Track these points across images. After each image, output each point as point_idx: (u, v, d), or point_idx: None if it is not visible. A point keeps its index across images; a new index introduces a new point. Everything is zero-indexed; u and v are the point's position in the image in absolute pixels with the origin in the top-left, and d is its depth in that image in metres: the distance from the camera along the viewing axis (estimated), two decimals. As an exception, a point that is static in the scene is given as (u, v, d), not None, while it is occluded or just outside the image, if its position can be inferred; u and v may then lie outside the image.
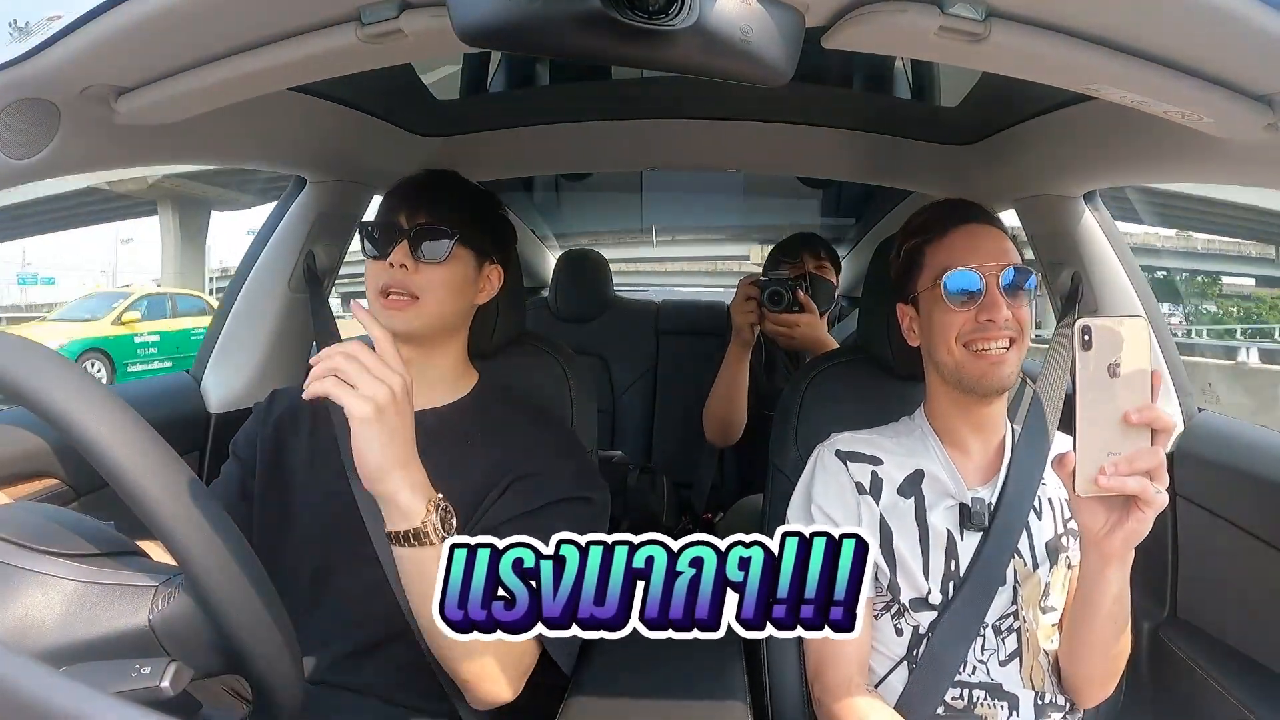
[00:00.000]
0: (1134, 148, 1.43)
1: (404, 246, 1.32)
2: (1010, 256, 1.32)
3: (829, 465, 1.39)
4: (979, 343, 1.28)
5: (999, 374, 1.28)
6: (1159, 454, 1.01)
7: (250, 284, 1.98)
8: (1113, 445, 1.01)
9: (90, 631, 0.70)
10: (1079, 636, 1.25)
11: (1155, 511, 1.02)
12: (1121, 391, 1.00)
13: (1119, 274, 1.71)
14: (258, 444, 1.41)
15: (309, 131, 1.69)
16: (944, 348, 1.32)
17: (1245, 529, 1.41)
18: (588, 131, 2.10)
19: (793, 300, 2.29)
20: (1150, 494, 1.01)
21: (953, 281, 1.29)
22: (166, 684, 0.65)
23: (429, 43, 1.00)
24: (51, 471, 1.45)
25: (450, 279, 1.34)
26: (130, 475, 0.70)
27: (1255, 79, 0.96)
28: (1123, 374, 1.00)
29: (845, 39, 0.94)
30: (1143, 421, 1.00)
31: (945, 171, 2.10)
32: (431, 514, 1.07)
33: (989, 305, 1.27)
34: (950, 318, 1.30)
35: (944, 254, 1.34)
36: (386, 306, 1.32)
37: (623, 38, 0.75)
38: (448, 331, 1.40)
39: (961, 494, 1.34)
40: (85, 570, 0.73)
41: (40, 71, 1.04)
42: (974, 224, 1.35)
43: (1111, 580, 1.13)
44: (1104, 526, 1.07)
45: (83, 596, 0.71)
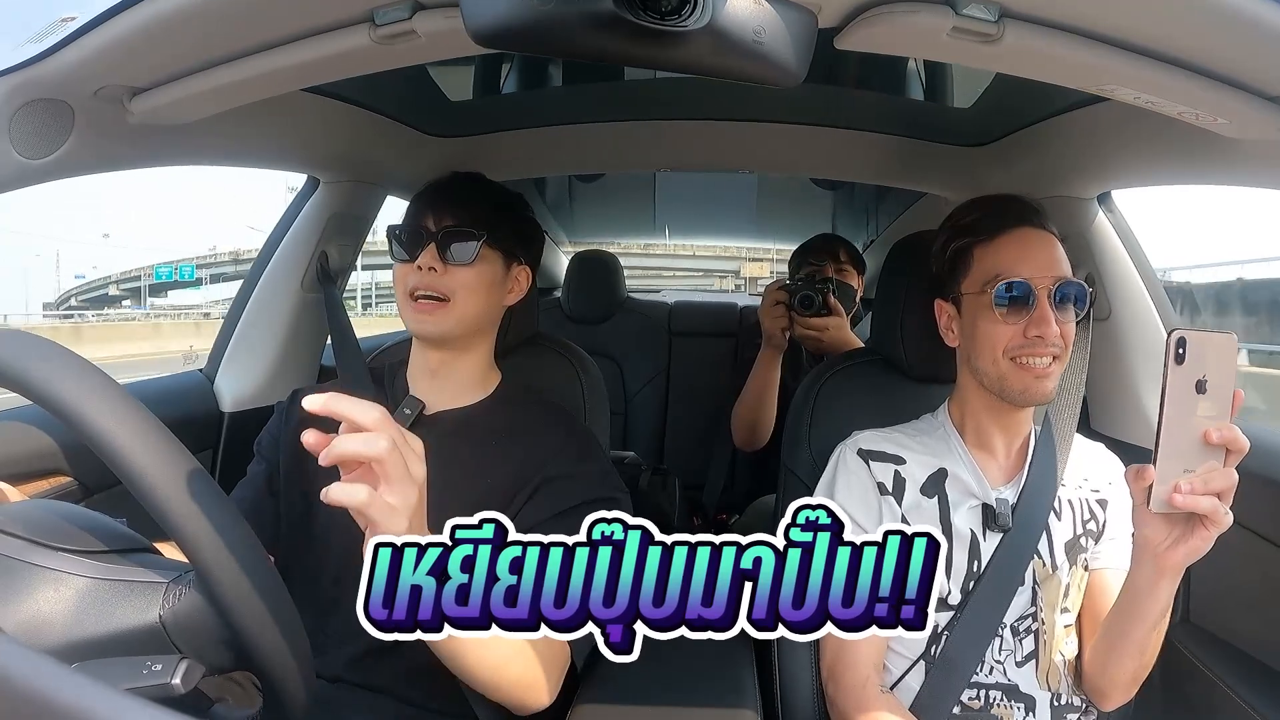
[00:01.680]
0: (1148, 149, 1.42)
1: (432, 249, 1.32)
2: (1063, 267, 1.28)
3: (850, 464, 1.38)
4: (1025, 357, 1.25)
5: (1042, 388, 1.26)
6: (1232, 475, 0.99)
7: (264, 284, 2.00)
8: (1189, 462, 0.98)
9: (101, 628, 0.70)
10: (1118, 645, 1.22)
11: (1220, 531, 1.00)
12: (1204, 408, 0.97)
13: (1133, 276, 1.70)
14: (281, 443, 1.41)
15: (322, 132, 1.69)
16: (989, 358, 1.29)
17: (1257, 533, 1.40)
18: (600, 132, 2.11)
19: (822, 304, 2.29)
20: (1220, 515, 0.98)
21: (1004, 291, 1.25)
22: (178, 681, 0.66)
23: (442, 44, 1.00)
24: (63, 469, 1.46)
25: (479, 280, 1.35)
26: (142, 473, 0.70)
27: (1270, 80, 0.95)
28: (1209, 391, 0.97)
29: (858, 40, 0.94)
30: (1222, 441, 0.97)
31: (958, 173, 2.09)
32: None
33: (1039, 320, 1.24)
34: (997, 329, 1.27)
35: (994, 257, 1.29)
36: (417, 310, 1.33)
37: (635, 39, 0.75)
38: (478, 333, 1.40)
39: (985, 494, 1.32)
40: (97, 567, 0.73)
41: (55, 72, 1.04)
42: (1028, 228, 1.30)
43: (1163, 593, 1.11)
44: (1166, 541, 1.04)
45: (94, 593, 0.72)
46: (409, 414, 1.37)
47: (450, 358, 1.39)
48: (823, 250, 2.61)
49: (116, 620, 0.70)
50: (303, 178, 1.99)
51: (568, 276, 3.25)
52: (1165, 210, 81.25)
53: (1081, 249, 1.72)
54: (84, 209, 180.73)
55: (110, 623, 0.70)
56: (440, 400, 1.40)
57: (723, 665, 1.33)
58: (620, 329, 3.17)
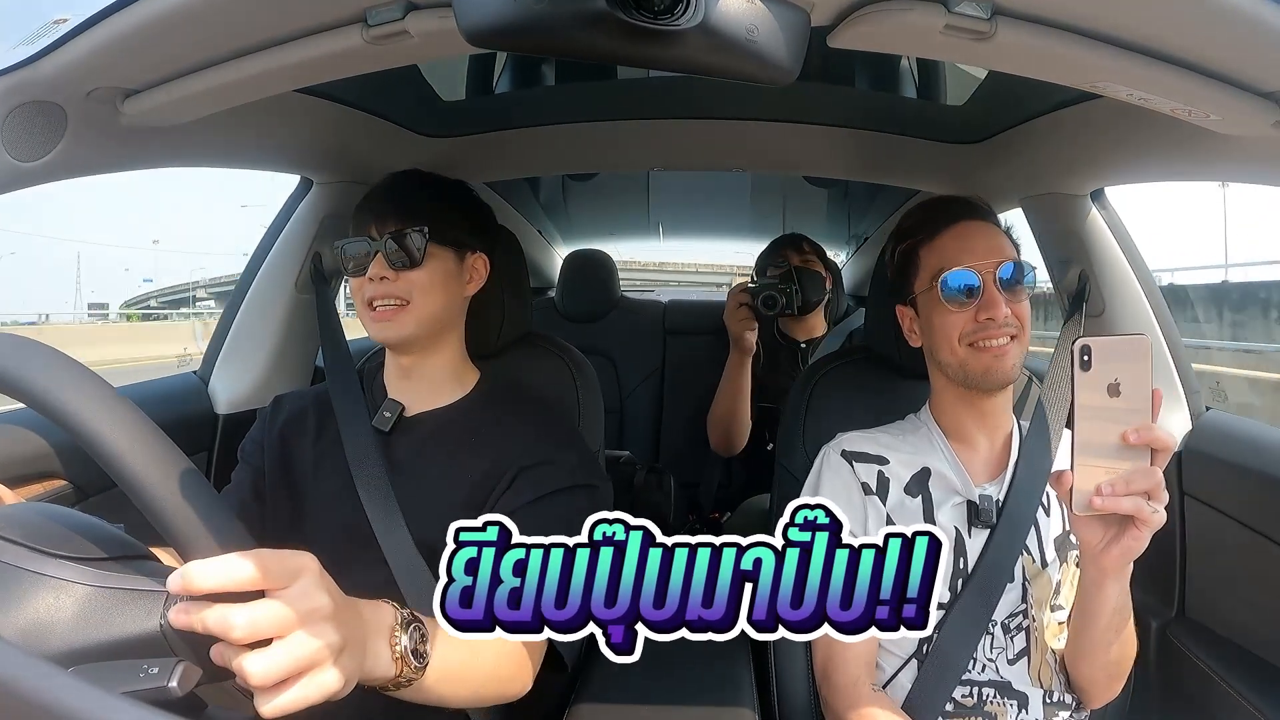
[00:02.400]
0: (1141, 146, 1.42)
1: (380, 259, 1.32)
2: (1006, 252, 1.32)
3: (835, 465, 1.39)
4: (981, 340, 1.28)
5: (1002, 367, 1.28)
6: (1156, 474, 0.99)
7: (257, 285, 1.99)
8: (1111, 464, 0.99)
9: (101, 635, 0.70)
10: (1079, 643, 1.25)
11: (1152, 530, 1.01)
12: (1121, 411, 0.98)
13: (1126, 272, 1.71)
14: (264, 449, 1.41)
15: (315, 133, 1.69)
16: (946, 348, 1.32)
17: (1253, 528, 1.41)
18: (593, 132, 2.10)
19: (786, 304, 2.32)
20: (1146, 514, 0.99)
21: (950, 282, 1.30)
22: (175, 684, 0.65)
23: (435, 44, 1.00)
24: (58, 472, 1.45)
25: (432, 278, 1.34)
26: (137, 475, 0.70)
27: (1262, 76, 0.95)
28: (1123, 394, 0.98)
29: (851, 38, 0.94)
30: (1141, 442, 0.98)
31: (951, 170, 2.09)
32: (402, 657, 0.83)
33: (988, 303, 1.28)
34: (950, 318, 1.31)
35: (938, 254, 1.34)
36: (377, 319, 1.32)
37: (628, 38, 0.75)
38: (443, 329, 1.39)
39: (969, 491, 1.33)
40: (97, 574, 0.73)
41: (47, 74, 1.04)
42: (966, 221, 1.35)
43: (1109, 593, 1.13)
44: (1101, 542, 1.06)
45: (95, 601, 0.71)
46: (389, 417, 1.37)
47: (420, 358, 1.39)
48: (784, 246, 2.68)
49: (117, 628, 0.70)
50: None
51: (562, 275, 3.24)
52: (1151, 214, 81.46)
53: (1075, 246, 1.73)
54: (136, 214, 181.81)
55: (111, 630, 0.70)
56: (418, 401, 1.40)
57: (720, 665, 1.34)
58: (615, 328, 3.17)
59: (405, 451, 1.36)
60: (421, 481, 1.31)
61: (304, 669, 0.69)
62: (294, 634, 0.69)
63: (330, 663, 0.71)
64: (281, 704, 0.68)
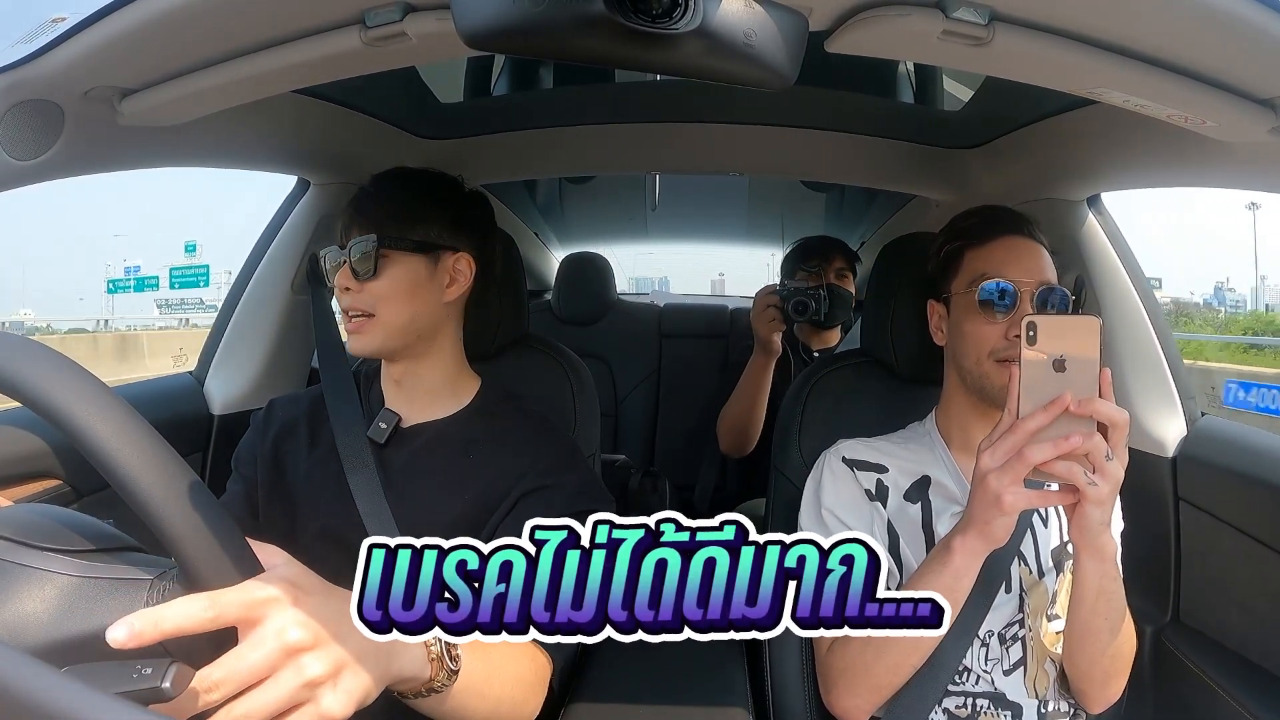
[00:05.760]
0: (1137, 152, 1.43)
1: (345, 269, 1.29)
2: (1048, 274, 1.32)
3: (837, 471, 1.38)
4: (1009, 357, 1.27)
5: None
6: (1095, 440, 1.00)
7: (253, 286, 1.99)
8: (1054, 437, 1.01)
9: (85, 626, 0.69)
10: (1068, 631, 1.25)
11: (1092, 504, 1.02)
12: (1066, 387, 1.00)
13: (1122, 278, 1.71)
14: (257, 458, 1.38)
15: (312, 134, 1.69)
16: (973, 358, 1.32)
17: (1247, 533, 1.41)
18: (590, 135, 2.10)
19: (816, 310, 2.28)
20: (1081, 482, 1.01)
21: (988, 290, 1.30)
22: (168, 685, 0.65)
23: (433, 46, 1.00)
24: (53, 472, 1.45)
25: (394, 288, 1.29)
26: (130, 475, 0.69)
27: (1259, 83, 0.96)
28: (1068, 371, 1.00)
29: (849, 42, 0.94)
30: (1082, 412, 0.99)
31: (949, 175, 2.09)
32: (438, 659, 0.84)
33: (1020, 320, 1.27)
34: (982, 330, 1.30)
35: (984, 259, 1.34)
36: (349, 330, 1.30)
37: (626, 41, 0.75)
38: (422, 339, 1.34)
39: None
40: (80, 565, 0.72)
41: (44, 74, 1.04)
42: (1019, 236, 1.35)
43: (1087, 570, 1.13)
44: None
45: (78, 590, 0.71)
46: (385, 429, 1.33)
47: (409, 366, 1.35)
48: (817, 255, 2.58)
49: (100, 618, 0.69)
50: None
51: (558, 278, 3.25)
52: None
53: (1071, 251, 1.73)
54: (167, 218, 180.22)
55: (94, 620, 0.69)
56: (415, 412, 1.36)
57: (714, 664, 1.34)
58: (611, 331, 3.17)
59: (401, 463, 1.32)
60: (417, 495, 1.29)
61: (290, 708, 0.67)
62: (269, 681, 0.67)
63: (325, 688, 0.69)
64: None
